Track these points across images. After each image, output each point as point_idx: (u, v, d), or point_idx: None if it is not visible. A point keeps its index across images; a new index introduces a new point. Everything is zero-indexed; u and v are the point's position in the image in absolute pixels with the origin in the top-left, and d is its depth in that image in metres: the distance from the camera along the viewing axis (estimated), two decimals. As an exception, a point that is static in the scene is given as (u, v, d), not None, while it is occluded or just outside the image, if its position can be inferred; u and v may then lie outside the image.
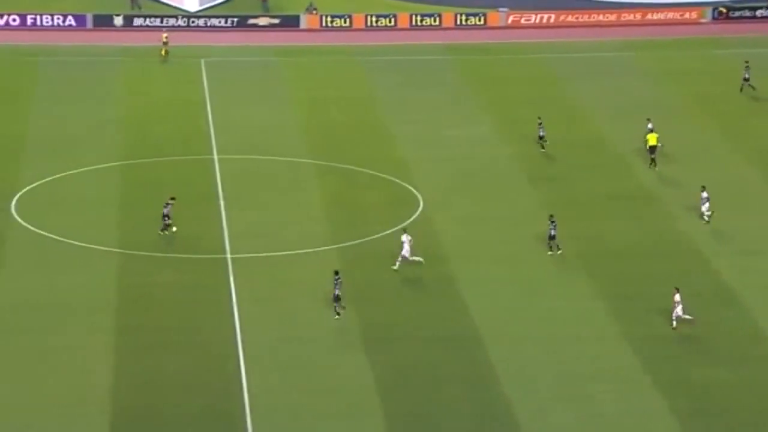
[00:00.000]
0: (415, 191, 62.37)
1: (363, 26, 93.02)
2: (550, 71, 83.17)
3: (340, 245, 55.79)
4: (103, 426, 42.04)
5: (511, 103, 76.68)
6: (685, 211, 60.28)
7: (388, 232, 57.36)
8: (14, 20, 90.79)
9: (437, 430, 42.46)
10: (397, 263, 52.69)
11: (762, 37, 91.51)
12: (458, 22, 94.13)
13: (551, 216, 55.20)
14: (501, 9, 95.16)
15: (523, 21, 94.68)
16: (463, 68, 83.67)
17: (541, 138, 67.79)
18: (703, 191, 58.32)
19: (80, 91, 77.00)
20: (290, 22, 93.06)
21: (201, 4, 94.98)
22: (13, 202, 59.77)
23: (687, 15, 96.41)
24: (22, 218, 58.17)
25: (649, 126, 66.21)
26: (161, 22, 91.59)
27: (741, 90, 77.19)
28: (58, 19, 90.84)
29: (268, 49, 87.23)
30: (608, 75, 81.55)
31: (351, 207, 60.48)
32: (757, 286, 51.95)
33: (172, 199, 57.03)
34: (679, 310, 48.86)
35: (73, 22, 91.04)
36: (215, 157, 66.75)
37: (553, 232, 54.95)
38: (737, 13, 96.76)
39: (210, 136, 69.84)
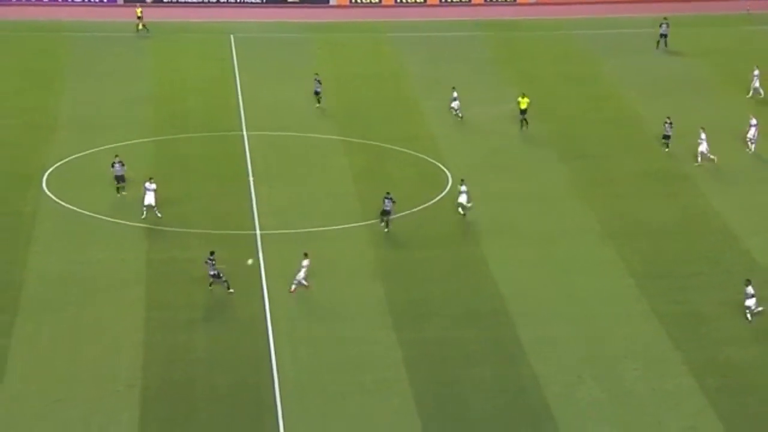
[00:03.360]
0: (444, 168, 62.26)
1: (392, 2, 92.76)
2: (581, 48, 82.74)
3: (369, 222, 55.78)
4: (133, 400, 42.29)
5: (541, 79, 76.37)
6: (716, 189, 59.94)
7: (417, 209, 57.31)
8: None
9: (466, 406, 42.49)
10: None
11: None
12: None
13: (388, 193, 54.36)
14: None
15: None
16: (492, 45, 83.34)
17: (316, 94, 69.17)
18: (461, 185, 55.52)
19: (110, 68, 77.19)
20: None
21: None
22: (44, 178, 60.06)
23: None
24: (52, 193, 58.45)
25: (455, 95, 68.00)
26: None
27: (658, 46, 79.76)
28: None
29: (298, 26, 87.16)
30: (639, 52, 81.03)
31: (380, 184, 60.40)
32: (789, 264, 51.70)
33: (116, 156, 58.32)
34: (301, 274, 48.73)
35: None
36: (244, 133, 66.82)
37: (387, 208, 54.04)
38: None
39: (239, 112, 69.89)
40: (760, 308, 47.68)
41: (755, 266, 52.26)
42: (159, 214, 55.00)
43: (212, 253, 49.56)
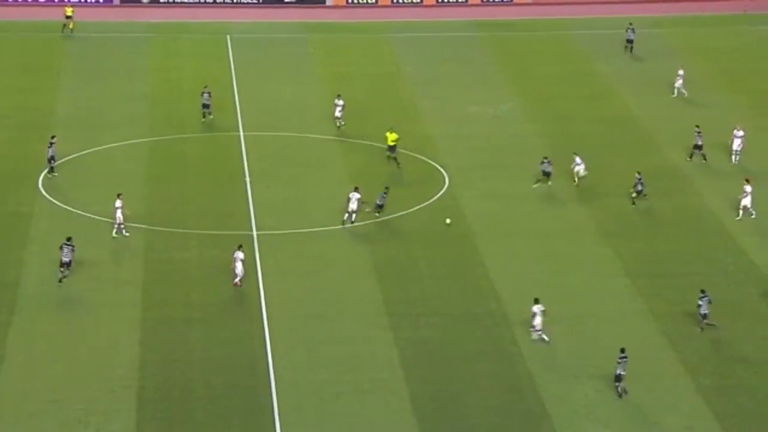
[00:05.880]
0: (441, 168, 62.31)
1: (389, 3, 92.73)
2: (578, 48, 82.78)
3: (366, 222, 55.83)
4: (130, 400, 42.32)
5: (538, 80, 76.40)
6: (712, 188, 60.01)
7: (414, 208, 57.35)
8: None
9: (462, 406, 42.54)
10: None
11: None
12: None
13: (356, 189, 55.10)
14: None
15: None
16: (489, 45, 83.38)
17: (205, 107, 66.93)
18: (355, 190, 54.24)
19: (108, 68, 77.16)
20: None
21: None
22: (41, 178, 60.05)
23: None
24: (49, 194, 58.46)
25: (340, 102, 66.09)
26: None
27: (627, 52, 79.61)
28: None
29: (294, 26, 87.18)
30: (637, 52, 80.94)
31: (377, 184, 60.43)
32: (785, 264, 51.74)
33: (54, 137, 59.71)
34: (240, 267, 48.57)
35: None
36: (241, 133, 66.83)
37: (380, 203, 55.13)
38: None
39: (236, 112, 69.89)
40: (541, 333, 45.71)
41: (751, 266, 52.32)
42: (116, 234, 53.55)
43: (69, 239, 49.71)
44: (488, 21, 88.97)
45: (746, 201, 55.86)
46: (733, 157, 62.63)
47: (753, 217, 56.02)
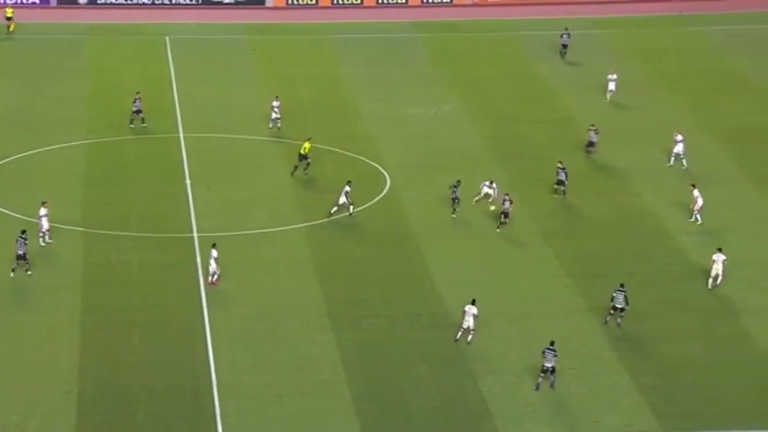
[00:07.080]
0: (382, 169, 62.34)
1: (329, 4, 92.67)
2: (518, 49, 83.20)
3: (307, 224, 55.75)
4: (69, 404, 41.91)
5: (479, 81, 76.69)
6: (651, 188, 60.57)
7: (355, 210, 57.31)
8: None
9: (405, 407, 42.58)
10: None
11: (732, 14, 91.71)
12: (425, 0, 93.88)
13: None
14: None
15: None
16: (430, 46, 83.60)
17: (136, 112, 65.75)
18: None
19: (45, 69, 76.38)
20: (256, 0, 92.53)
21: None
22: (-23, 181, 59.37)
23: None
24: (-14, 197, 57.79)
25: (276, 104, 65.86)
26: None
27: (562, 56, 79.87)
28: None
29: (234, 27, 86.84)
30: (575, 53, 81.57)
31: (318, 185, 60.38)
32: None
33: None
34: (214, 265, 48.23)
35: (37, 0, 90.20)
36: (181, 135, 66.43)
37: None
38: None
39: (176, 114, 69.45)
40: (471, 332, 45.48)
41: (689, 265, 52.84)
42: (44, 242, 52.55)
43: (24, 232, 49.96)
44: (428, 22, 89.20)
45: (699, 204, 56.27)
46: (672, 158, 63.18)
47: (695, 222, 56.55)
